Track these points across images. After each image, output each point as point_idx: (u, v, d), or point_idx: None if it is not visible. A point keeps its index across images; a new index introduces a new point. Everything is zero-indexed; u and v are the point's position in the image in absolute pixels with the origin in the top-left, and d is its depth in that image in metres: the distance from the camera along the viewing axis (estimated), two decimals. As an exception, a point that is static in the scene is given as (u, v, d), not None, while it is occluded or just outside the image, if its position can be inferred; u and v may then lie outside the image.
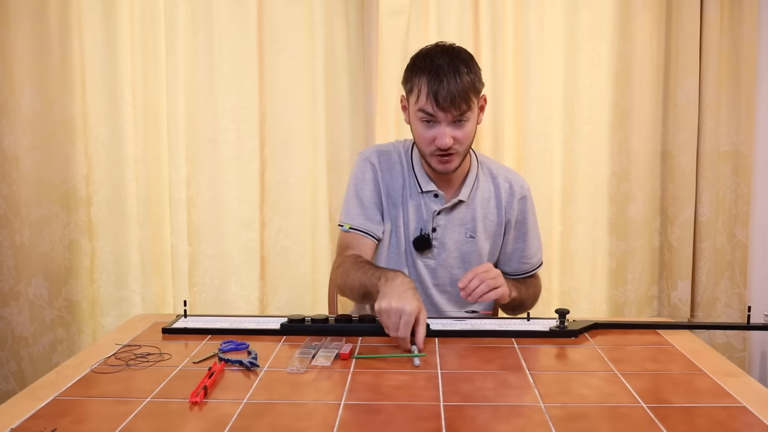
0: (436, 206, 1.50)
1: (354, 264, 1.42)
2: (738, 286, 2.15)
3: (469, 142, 1.42)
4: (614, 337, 1.28)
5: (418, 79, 1.37)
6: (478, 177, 1.53)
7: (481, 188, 1.53)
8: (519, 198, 1.54)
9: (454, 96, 1.33)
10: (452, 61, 1.35)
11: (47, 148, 2.08)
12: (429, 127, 1.38)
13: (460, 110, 1.35)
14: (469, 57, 1.40)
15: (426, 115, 1.37)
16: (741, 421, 0.91)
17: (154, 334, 1.31)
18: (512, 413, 0.93)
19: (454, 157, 1.40)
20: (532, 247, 1.59)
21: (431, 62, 1.36)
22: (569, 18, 2.11)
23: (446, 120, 1.36)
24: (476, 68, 1.39)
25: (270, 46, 2.10)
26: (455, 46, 1.41)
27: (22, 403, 0.98)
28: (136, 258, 2.18)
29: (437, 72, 1.33)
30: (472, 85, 1.35)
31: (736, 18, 2.07)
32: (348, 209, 1.52)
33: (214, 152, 2.11)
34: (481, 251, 1.53)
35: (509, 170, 1.60)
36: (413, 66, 1.40)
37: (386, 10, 2.08)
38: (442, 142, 1.36)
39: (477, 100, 1.40)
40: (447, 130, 1.36)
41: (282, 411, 0.95)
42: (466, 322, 1.35)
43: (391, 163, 1.53)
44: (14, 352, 2.09)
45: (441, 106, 1.34)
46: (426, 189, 1.49)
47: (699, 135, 2.11)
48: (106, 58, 2.10)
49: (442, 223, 1.50)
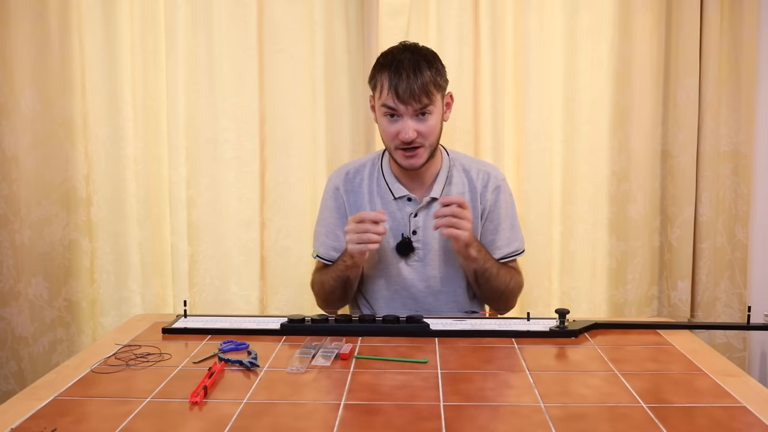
0: (411, 209, 1.51)
1: (322, 273, 1.56)
2: (738, 286, 2.15)
3: (434, 136, 1.44)
4: (614, 337, 1.28)
5: (381, 75, 1.42)
6: (450, 174, 1.54)
7: (455, 183, 1.54)
8: (493, 188, 1.55)
9: (414, 89, 1.37)
10: (413, 57, 1.40)
11: (47, 148, 2.08)
12: (393, 122, 1.42)
13: (421, 103, 1.38)
14: (431, 55, 1.45)
15: (388, 110, 1.41)
16: (741, 421, 0.92)
17: (154, 334, 1.31)
18: (512, 413, 0.94)
19: (420, 151, 1.43)
20: (503, 237, 1.57)
21: (393, 59, 1.41)
22: (569, 18, 2.11)
23: (408, 113, 1.39)
24: (439, 66, 1.44)
25: (270, 46, 2.10)
26: (419, 45, 1.46)
27: (22, 403, 0.98)
28: (136, 258, 2.18)
29: (398, 67, 1.38)
30: (433, 80, 1.39)
31: (736, 18, 2.07)
32: (316, 236, 1.62)
33: (214, 152, 2.11)
34: None
35: (483, 163, 1.63)
36: (377, 64, 1.45)
37: (386, 10, 2.08)
38: (405, 135, 1.39)
39: (440, 95, 1.44)
40: (410, 123, 1.40)
41: (282, 411, 0.95)
42: (466, 322, 1.35)
43: (359, 180, 1.56)
44: (14, 352, 2.09)
45: (401, 98, 1.37)
46: (398, 195, 1.51)
47: (699, 135, 2.11)
48: (106, 58, 2.10)
49: (420, 224, 1.51)
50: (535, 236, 2.15)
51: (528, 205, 2.14)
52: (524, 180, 2.13)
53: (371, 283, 1.58)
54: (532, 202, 2.14)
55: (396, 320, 1.30)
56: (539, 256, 2.15)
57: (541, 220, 2.15)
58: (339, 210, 1.57)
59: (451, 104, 1.52)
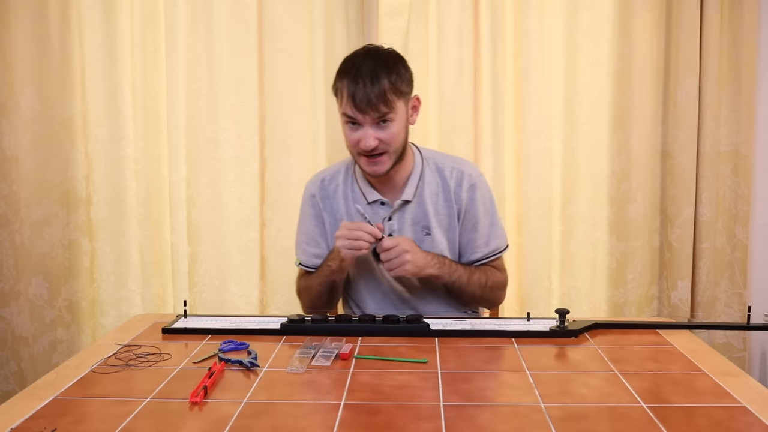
0: (384, 213, 1.50)
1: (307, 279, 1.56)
2: (738, 286, 2.15)
3: (397, 143, 1.41)
4: (614, 337, 1.28)
5: (341, 82, 1.40)
6: (423, 174, 1.52)
7: (428, 184, 1.52)
8: (468, 186, 1.52)
9: (371, 98, 1.34)
10: (373, 64, 1.37)
11: (47, 148, 2.08)
12: (354, 130, 1.40)
13: (380, 112, 1.36)
14: (393, 60, 1.41)
15: (348, 118, 1.39)
16: (741, 421, 0.92)
17: (154, 334, 1.31)
18: (512, 413, 0.93)
19: (383, 158, 1.41)
20: (482, 236, 1.54)
21: (352, 65, 1.38)
22: (569, 18, 2.11)
23: (367, 122, 1.37)
24: (400, 70, 1.40)
25: (270, 46, 2.10)
26: (382, 49, 1.42)
27: (22, 403, 0.98)
28: (136, 258, 2.18)
29: (356, 75, 1.35)
30: (392, 87, 1.36)
31: (736, 18, 2.07)
32: (298, 244, 1.61)
33: (214, 152, 2.11)
34: (439, 246, 1.51)
35: (458, 160, 1.58)
36: (338, 70, 1.42)
37: (386, 10, 2.08)
38: (365, 143, 1.37)
39: (402, 101, 1.40)
40: (370, 132, 1.38)
41: (282, 411, 0.95)
42: (466, 322, 1.35)
43: (334, 186, 1.55)
44: (14, 352, 2.09)
45: (359, 107, 1.35)
46: (371, 199, 1.50)
47: (699, 135, 2.11)
48: (106, 58, 2.10)
49: (395, 227, 1.50)
50: (535, 236, 2.15)
51: (528, 205, 2.14)
52: (524, 180, 2.13)
53: (358, 287, 1.57)
54: (532, 202, 2.14)
55: (396, 320, 1.30)
56: (539, 256, 2.15)
57: (541, 220, 2.15)
58: (317, 218, 1.57)
59: (418, 107, 1.49)
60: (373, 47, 1.43)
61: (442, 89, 2.11)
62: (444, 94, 2.11)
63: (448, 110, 2.11)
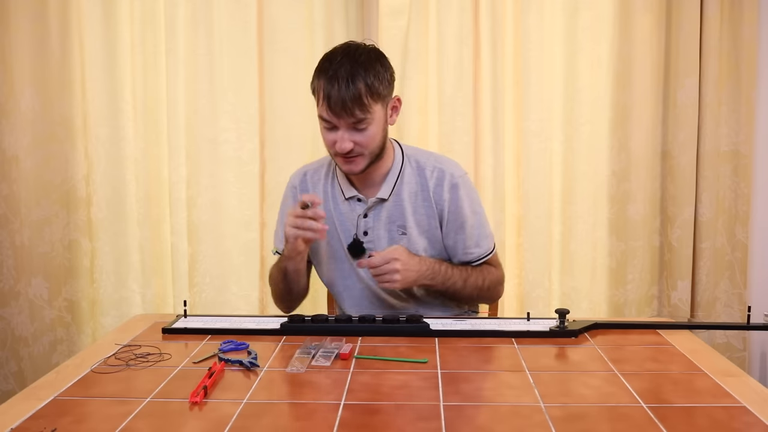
0: (361, 210, 1.49)
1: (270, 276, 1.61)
2: (738, 286, 2.15)
3: (375, 144, 1.39)
4: (614, 337, 1.28)
5: (318, 82, 1.37)
6: (402, 172, 1.49)
7: (407, 182, 1.48)
8: (449, 186, 1.47)
9: (346, 102, 1.31)
10: (350, 66, 1.32)
11: (47, 148, 2.08)
12: (329, 131, 1.38)
13: (355, 117, 1.33)
14: (371, 60, 1.36)
15: (324, 121, 1.37)
16: (741, 421, 0.91)
17: (154, 334, 1.31)
18: (512, 413, 0.93)
19: (359, 159, 1.39)
20: (472, 236, 1.51)
21: (330, 66, 1.34)
22: (569, 18, 2.11)
23: (342, 125, 1.35)
24: (379, 70, 1.35)
25: (270, 46, 2.10)
26: (361, 47, 1.38)
27: (22, 403, 0.98)
28: (136, 258, 2.18)
29: (332, 78, 1.32)
30: (369, 90, 1.32)
31: (736, 18, 2.07)
32: (275, 233, 1.62)
33: (214, 152, 2.11)
34: (415, 247, 1.48)
35: (441, 159, 1.53)
36: (316, 69, 1.39)
37: (386, 10, 2.08)
38: (341, 146, 1.35)
39: (380, 104, 1.37)
40: (345, 135, 1.35)
41: (282, 411, 0.95)
42: (466, 322, 1.35)
43: (316, 180, 1.54)
44: (14, 352, 2.09)
45: (334, 111, 1.33)
46: (348, 195, 1.49)
47: (699, 135, 2.11)
48: (106, 58, 2.10)
49: (371, 225, 1.48)
50: (535, 236, 2.15)
51: (528, 205, 2.14)
52: (524, 180, 2.13)
53: (335, 285, 1.56)
54: (532, 202, 2.14)
55: (396, 320, 1.30)
56: (539, 256, 2.15)
57: (541, 220, 2.15)
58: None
59: (399, 107, 1.45)
60: (353, 45, 1.38)
61: (442, 89, 2.11)
62: (444, 94, 2.11)
63: (448, 110, 2.11)
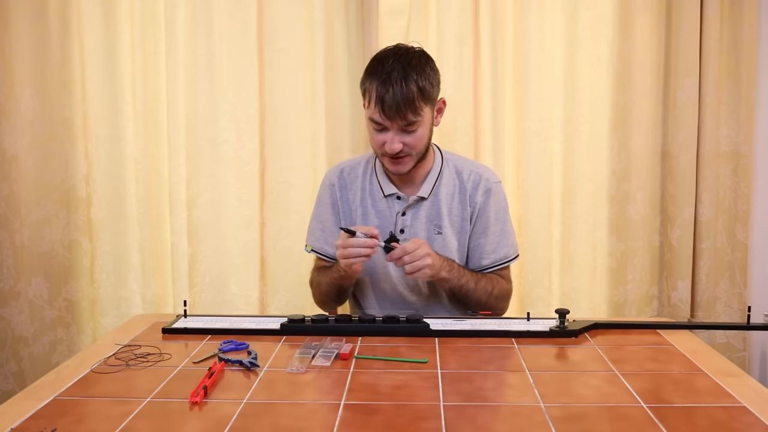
0: (399, 207, 1.51)
1: (320, 274, 1.57)
2: (738, 286, 2.15)
3: (422, 145, 1.43)
4: (614, 337, 1.28)
5: (370, 84, 1.39)
6: (441, 173, 1.53)
7: (445, 184, 1.53)
8: (483, 190, 1.53)
9: (399, 105, 1.34)
10: (403, 69, 1.35)
11: (47, 148, 2.08)
12: (379, 132, 1.41)
13: (407, 120, 1.36)
14: (422, 62, 1.40)
15: (374, 123, 1.39)
16: (741, 421, 0.92)
17: (154, 334, 1.31)
18: (512, 413, 0.94)
19: (407, 159, 1.42)
20: (491, 242, 1.55)
21: (382, 68, 1.37)
22: (569, 18, 2.11)
23: (394, 127, 1.37)
24: (429, 74, 1.40)
25: (270, 46, 2.10)
26: (411, 50, 1.41)
27: (22, 403, 0.98)
28: (136, 258, 2.18)
29: (385, 80, 1.35)
30: (421, 93, 1.36)
31: (736, 18, 2.07)
32: (311, 231, 1.62)
33: (214, 152, 2.11)
34: (449, 247, 1.52)
35: (477, 165, 1.61)
36: (367, 69, 1.42)
37: (386, 10, 2.07)
38: (391, 147, 1.38)
39: (429, 106, 1.41)
40: (396, 137, 1.38)
41: (282, 411, 0.95)
42: (466, 322, 1.35)
43: (353, 177, 1.57)
44: (14, 352, 2.09)
45: (387, 114, 1.36)
46: (388, 193, 1.51)
47: (699, 135, 2.11)
48: (106, 58, 2.10)
49: (408, 223, 1.51)
50: (535, 236, 2.15)
51: (528, 205, 2.14)
52: (524, 180, 2.13)
53: (362, 281, 1.58)
54: (532, 202, 2.14)
55: (396, 320, 1.30)
56: (539, 256, 2.15)
57: (541, 220, 2.15)
58: (333, 206, 1.58)
59: (443, 109, 1.50)
60: (403, 47, 1.42)
61: (442, 89, 2.10)
62: (444, 94, 2.10)
63: (448, 110, 2.09)
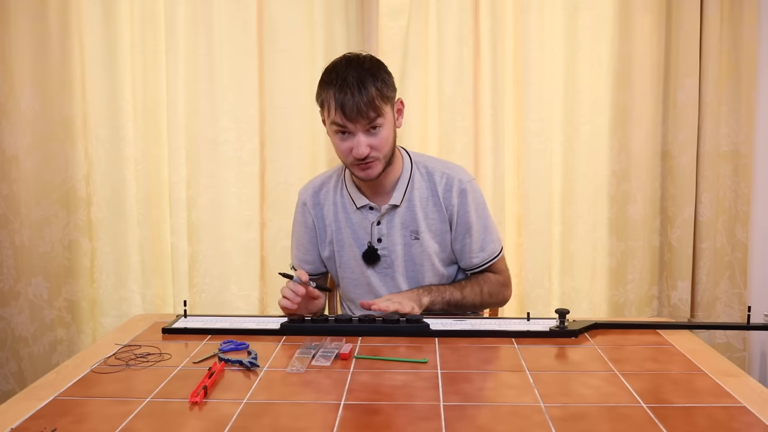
0: (373, 217, 1.51)
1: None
2: (738, 286, 2.15)
3: (388, 147, 1.43)
4: (614, 337, 1.28)
5: (326, 93, 1.40)
6: (412, 178, 1.52)
7: (417, 188, 1.52)
8: (458, 192, 1.52)
9: (360, 106, 1.35)
10: (357, 73, 1.37)
11: (47, 148, 2.08)
12: (344, 139, 1.41)
13: (369, 119, 1.37)
14: (375, 66, 1.42)
15: (339, 127, 1.39)
16: (741, 421, 0.91)
17: (154, 334, 1.31)
18: (512, 413, 0.93)
19: (375, 163, 1.42)
20: (477, 240, 1.54)
21: (337, 76, 1.38)
22: (569, 18, 2.11)
23: (358, 129, 1.38)
24: (384, 76, 1.41)
25: (270, 46, 2.10)
26: (362, 56, 1.43)
27: (22, 403, 0.98)
28: (136, 258, 2.18)
29: (342, 85, 1.36)
30: (379, 93, 1.37)
31: (736, 18, 2.07)
32: (292, 249, 1.65)
33: (214, 152, 2.11)
34: (428, 251, 1.51)
35: (448, 165, 1.58)
36: (321, 81, 1.43)
37: (386, 10, 2.08)
38: (358, 151, 1.38)
39: (389, 106, 1.42)
40: (362, 140, 1.38)
41: (282, 411, 0.95)
42: (466, 322, 1.35)
43: (325, 193, 1.57)
44: (14, 352, 2.09)
45: (349, 116, 1.36)
46: (360, 204, 1.51)
47: (699, 135, 2.11)
48: (106, 58, 2.10)
49: (384, 231, 1.51)
50: (535, 236, 2.15)
51: (528, 205, 2.14)
52: (524, 180, 2.13)
53: (348, 291, 1.58)
54: (532, 202, 2.14)
55: (396, 320, 1.30)
56: (539, 256, 2.15)
57: (541, 220, 2.15)
58: (307, 225, 1.59)
59: (402, 110, 1.50)
60: (353, 55, 1.44)
61: (442, 89, 2.11)
62: (444, 94, 2.11)
63: (448, 110, 2.11)
